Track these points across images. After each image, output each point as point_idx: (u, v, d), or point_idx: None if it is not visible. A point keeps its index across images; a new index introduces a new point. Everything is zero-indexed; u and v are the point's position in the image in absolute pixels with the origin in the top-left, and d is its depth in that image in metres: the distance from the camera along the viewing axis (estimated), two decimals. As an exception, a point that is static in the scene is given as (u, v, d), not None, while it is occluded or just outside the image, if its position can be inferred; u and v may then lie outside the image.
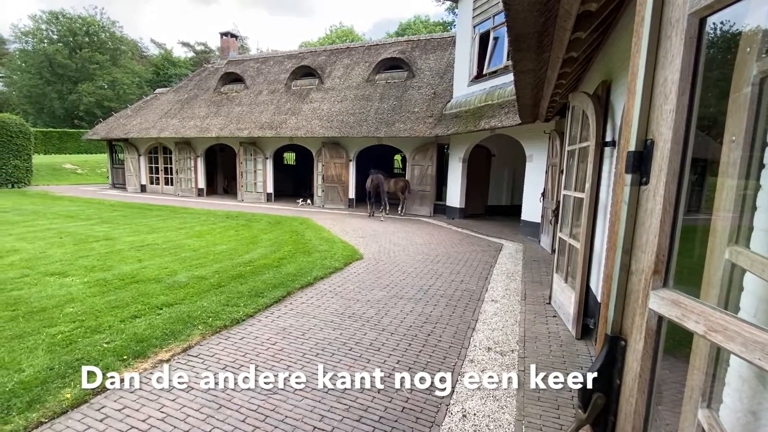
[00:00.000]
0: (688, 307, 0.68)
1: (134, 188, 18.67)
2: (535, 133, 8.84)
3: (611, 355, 0.85)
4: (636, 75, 0.83)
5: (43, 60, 39.81)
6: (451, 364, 3.29)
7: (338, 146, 13.86)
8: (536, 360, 3.42)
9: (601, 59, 4.17)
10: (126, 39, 47.57)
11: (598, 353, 0.88)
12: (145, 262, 5.92)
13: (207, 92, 17.99)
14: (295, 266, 5.95)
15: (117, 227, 8.94)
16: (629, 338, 0.82)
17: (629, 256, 0.82)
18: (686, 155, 0.74)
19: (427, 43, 15.21)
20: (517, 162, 11.69)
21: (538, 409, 2.73)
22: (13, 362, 3.00)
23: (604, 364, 0.85)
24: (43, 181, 21.22)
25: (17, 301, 4.24)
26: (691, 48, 0.73)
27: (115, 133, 17.89)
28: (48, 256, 6.10)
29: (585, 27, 3.08)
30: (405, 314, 4.31)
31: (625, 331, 0.83)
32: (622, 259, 0.83)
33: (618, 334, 0.84)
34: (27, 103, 41.55)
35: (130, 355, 3.19)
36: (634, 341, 0.81)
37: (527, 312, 4.51)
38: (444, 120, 11.48)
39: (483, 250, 7.66)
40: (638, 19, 0.84)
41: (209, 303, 4.35)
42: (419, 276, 5.78)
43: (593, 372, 0.86)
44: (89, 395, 2.67)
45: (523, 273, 6.11)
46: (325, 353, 3.40)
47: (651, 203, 0.77)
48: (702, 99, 0.73)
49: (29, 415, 2.42)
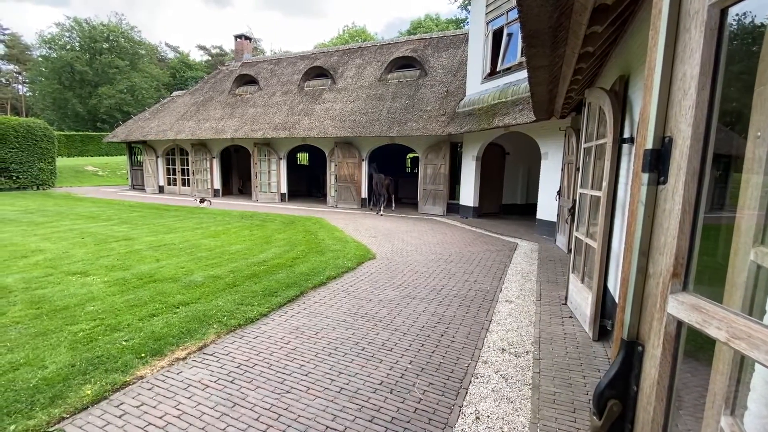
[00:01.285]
0: (709, 312, 0.65)
1: (152, 189, 19.10)
2: (550, 130, 8.69)
3: (628, 361, 0.82)
4: (653, 70, 0.80)
5: (64, 65, 41.11)
6: (465, 365, 3.25)
7: (351, 146, 13.90)
8: (552, 362, 3.35)
9: (619, 53, 4.06)
10: (144, 43, 48.77)
11: (613, 358, 0.85)
12: (162, 262, 6.05)
13: (222, 94, 18.27)
14: (308, 266, 5.98)
15: (136, 227, 9.16)
16: (647, 343, 0.79)
17: (646, 258, 0.79)
18: (707, 153, 0.70)
19: (440, 41, 15.10)
20: (532, 160, 11.53)
21: (553, 412, 2.68)
22: (36, 359, 3.10)
23: (620, 369, 0.82)
24: (66, 182, 21.91)
25: (41, 299, 4.38)
26: (712, 41, 0.69)
27: (134, 136, 18.35)
28: (70, 256, 6.29)
29: (601, 21, 3.00)
30: (417, 314, 4.29)
31: (643, 336, 0.80)
32: (639, 262, 0.79)
33: (635, 339, 0.81)
34: (50, 107, 43.00)
35: (148, 353, 3.26)
36: (651, 347, 0.78)
37: (542, 313, 4.43)
38: (457, 118, 11.38)
39: (497, 250, 7.57)
40: (655, 11, 0.81)
41: (224, 302, 4.41)
42: (432, 276, 5.74)
43: (609, 377, 0.83)
44: (109, 392, 2.74)
45: (539, 273, 6.01)
46: (338, 353, 3.40)
47: (669, 203, 0.74)
48: (723, 94, 0.70)
49: (52, 411, 2.50)
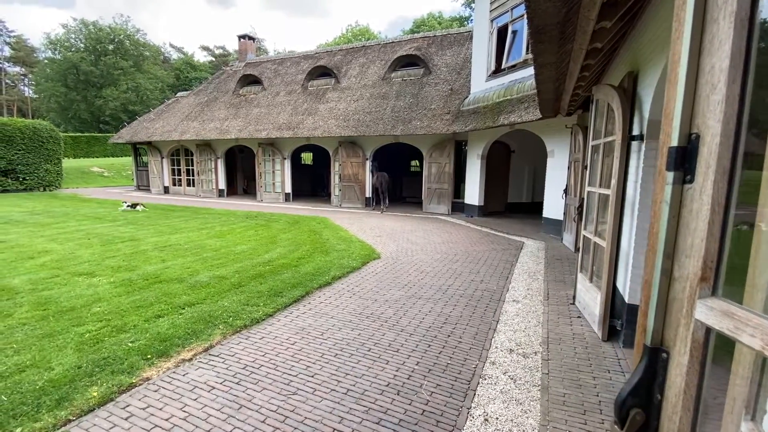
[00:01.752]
0: (742, 319, 0.62)
1: (158, 190, 19.19)
2: (556, 127, 8.61)
3: (651, 368, 0.78)
4: (677, 63, 0.76)
5: (69, 67, 41.41)
6: (472, 367, 3.22)
7: (355, 145, 13.87)
8: (561, 363, 3.31)
9: (627, 49, 4.00)
10: (149, 45, 49.04)
11: (635, 365, 0.82)
12: (168, 263, 6.05)
13: (226, 94, 18.31)
14: (313, 266, 5.97)
15: (141, 228, 9.19)
16: (672, 350, 0.75)
17: (671, 260, 0.75)
18: (737, 151, 0.66)
19: (444, 39, 15.03)
20: (538, 158, 11.45)
21: (563, 414, 2.64)
22: (43, 361, 3.10)
23: (643, 377, 0.79)
24: (72, 184, 22.07)
25: (48, 300, 4.39)
26: (743, 31, 0.65)
27: (139, 137, 18.44)
28: (77, 257, 6.31)
29: (610, 16, 2.95)
30: (424, 314, 4.26)
31: (667, 342, 0.77)
32: (664, 264, 0.76)
33: (659, 346, 0.78)
34: (55, 109, 43.34)
35: (154, 355, 3.25)
36: (677, 354, 0.74)
37: (550, 312, 4.39)
38: (462, 116, 11.32)
39: (503, 249, 7.52)
40: (679, 2, 0.77)
41: (230, 303, 4.40)
42: (438, 275, 5.71)
43: (631, 385, 0.79)
44: (115, 394, 2.74)
45: (546, 272, 5.95)
46: (344, 354, 3.38)
47: (697, 203, 0.70)
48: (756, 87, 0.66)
49: (58, 413, 2.49)
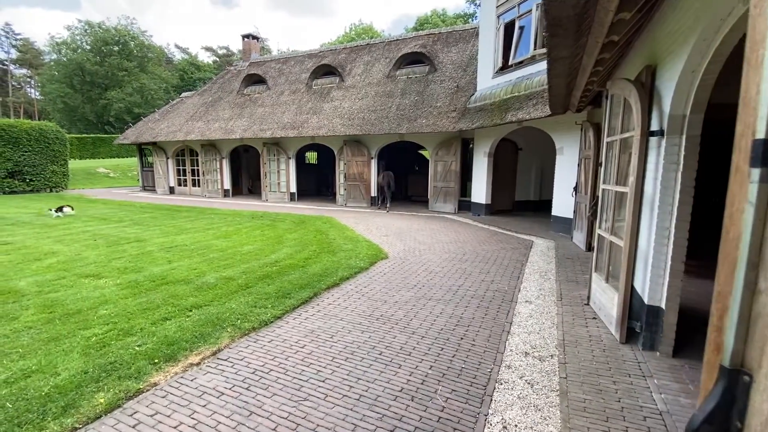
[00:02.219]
0: None
1: (163, 190, 19.22)
2: (565, 124, 8.47)
3: (730, 392, 0.69)
4: (760, 42, 0.66)
5: (75, 68, 41.61)
6: (487, 371, 3.12)
7: (360, 144, 13.78)
8: (578, 366, 3.20)
9: (644, 42, 3.87)
10: (153, 46, 49.18)
11: (709, 388, 0.72)
12: (174, 264, 6.00)
13: (230, 94, 18.28)
14: (320, 266, 5.89)
15: (147, 229, 9.16)
16: (756, 373, 0.66)
17: (756, 272, 0.65)
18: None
19: (449, 35, 14.87)
20: (546, 155, 11.30)
21: (584, 421, 2.53)
22: (49, 365, 3.04)
23: (720, 402, 0.69)
24: (78, 185, 22.17)
25: (54, 303, 4.34)
26: None
27: (144, 137, 18.46)
28: (83, 259, 6.27)
29: (630, 7, 2.83)
30: (435, 316, 4.16)
31: (750, 364, 0.67)
32: (747, 276, 0.66)
33: (740, 367, 0.68)
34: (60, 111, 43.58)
35: (162, 359, 3.18)
36: (763, 377, 0.65)
37: (564, 314, 4.27)
38: (468, 114, 11.19)
39: (513, 248, 7.40)
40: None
41: (237, 304, 4.33)
42: (447, 275, 5.61)
43: (705, 412, 0.70)
44: (122, 400, 2.67)
45: (557, 271, 5.83)
46: (355, 357, 3.29)
47: (791, 205, 0.61)
48: None
49: (64, 421, 2.42)
